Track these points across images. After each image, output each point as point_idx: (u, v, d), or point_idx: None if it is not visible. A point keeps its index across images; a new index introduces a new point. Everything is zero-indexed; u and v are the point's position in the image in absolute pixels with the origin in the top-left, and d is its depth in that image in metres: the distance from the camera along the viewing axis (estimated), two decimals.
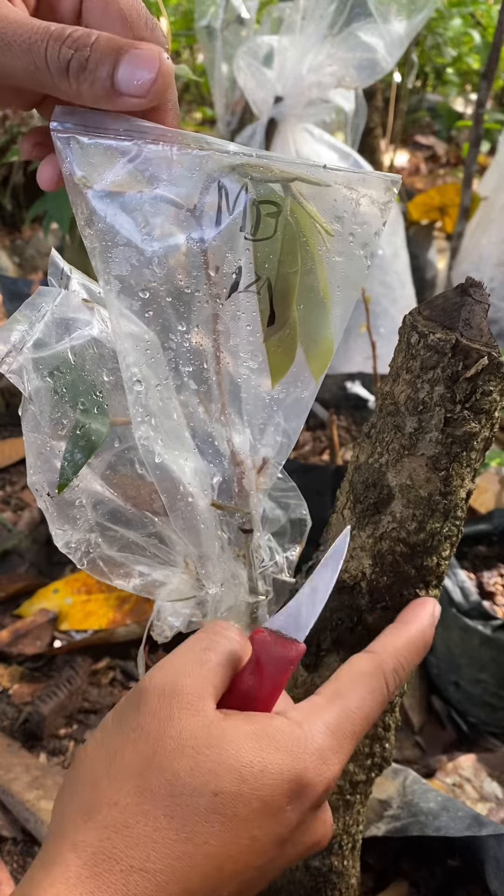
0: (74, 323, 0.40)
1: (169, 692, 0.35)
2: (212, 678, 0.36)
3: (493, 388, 0.41)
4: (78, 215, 0.37)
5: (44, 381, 0.38)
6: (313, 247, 0.38)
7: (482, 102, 1.71)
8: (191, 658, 0.37)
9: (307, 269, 0.39)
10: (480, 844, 0.65)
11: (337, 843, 0.56)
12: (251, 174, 0.36)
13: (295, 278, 0.38)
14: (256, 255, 0.38)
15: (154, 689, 0.35)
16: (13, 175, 2.78)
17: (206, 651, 0.37)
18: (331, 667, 0.50)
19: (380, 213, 0.37)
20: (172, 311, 0.39)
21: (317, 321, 0.40)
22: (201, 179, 0.37)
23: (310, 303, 0.40)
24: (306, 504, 0.54)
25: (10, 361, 0.38)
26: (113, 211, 0.36)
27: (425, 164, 3.62)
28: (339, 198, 0.37)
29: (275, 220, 0.37)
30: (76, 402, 0.39)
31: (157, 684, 0.36)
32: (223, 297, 0.39)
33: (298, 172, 0.37)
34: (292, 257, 0.38)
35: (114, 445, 0.44)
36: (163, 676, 0.36)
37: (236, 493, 0.47)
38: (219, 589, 0.50)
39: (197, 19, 1.83)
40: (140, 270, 0.37)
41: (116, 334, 0.39)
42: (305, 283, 0.39)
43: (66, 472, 0.39)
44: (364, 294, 1.12)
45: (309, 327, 0.40)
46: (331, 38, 1.32)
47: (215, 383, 0.43)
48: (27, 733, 1.07)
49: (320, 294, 0.39)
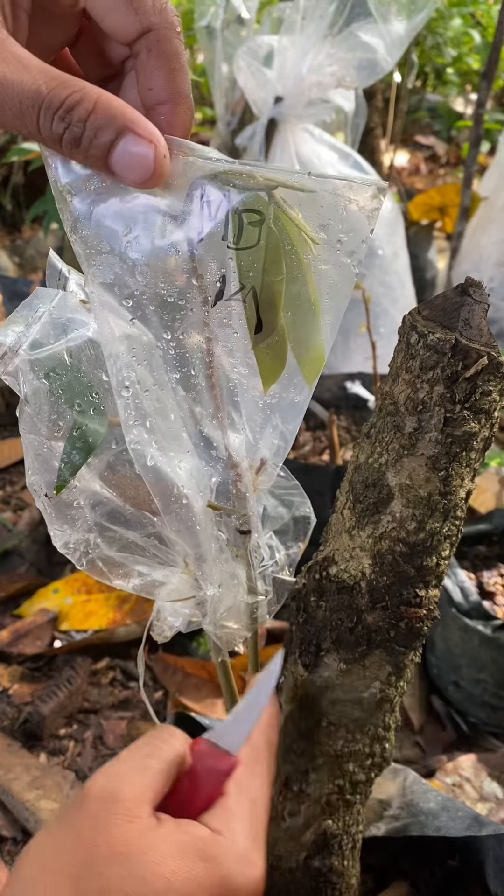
0: (71, 324, 0.40)
1: (109, 797, 0.37)
2: (151, 784, 0.38)
3: (493, 388, 0.41)
4: (65, 220, 0.37)
5: (40, 382, 0.38)
6: (300, 254, 0.38)
7: (482, 102, 1.71)
8: (132, 765, 0.39)
9: (294, 277, 0.38)
10: (480, 844, 0.65)
11: (337, 843, 0.56)
12: (233, 181, 0.36)
13: (280, 286, 0.38)
14: (240, 264, 0.37)
15: (95, 794, 0.37)
16: (13, 175, 2.78)
17: (148, 758, 0.39)
18: (330, 667, 0.50)
19: (367, 221, 0.37)
20: (157, 318, 0.39)
21: (306, 328, 0.40)
22: (185, 185, 0.36)
23: (298, 310, 0.39)
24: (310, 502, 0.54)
25: (7, 363, 0.38)
26: (96, 218, 0.36)
27: (425, 164, 3.62)
28: (325, 205, 0.37)
29: (258, 228, 0.36)
30: (73, 403, 0.39)
31: (99, 789, 0.38)
32: (209, 304, 0.39)
33: (282, 179, 0.36)
34: (277, 266, 0.37)
35: (112, 446, 0.44)
36: (105, 782, 0.38)
37: (233, 495, 0.47)
38: (217, 590, 0.50)
39: (197, 19, 1.83)
40: (123, 278, 0.37)
41: (106, 339, 0.38)
42: (293, 291, 0.38)
43: (63, 473, 0.39)
44: (364, 294, 1.12)
45: (299, 334, 0.40)
46: (331, 38, 1.32)
47: (205, 388, 0.43)
48: (27, 733, 1.07)
49: (309, 301, 0.39)
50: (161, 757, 0.40)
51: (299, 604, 0.52)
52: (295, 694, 0.53)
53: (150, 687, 1.16)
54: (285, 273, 0.38)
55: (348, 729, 0.51)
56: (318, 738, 0.52)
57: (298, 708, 0.53)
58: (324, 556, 0.50)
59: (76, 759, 1.05)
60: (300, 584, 0.52)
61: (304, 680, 0.52)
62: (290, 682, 0.53)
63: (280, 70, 1.38)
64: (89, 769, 1.04)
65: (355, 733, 0.51)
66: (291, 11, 1.34)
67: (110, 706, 1.13)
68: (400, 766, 0.71)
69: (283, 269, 0.38)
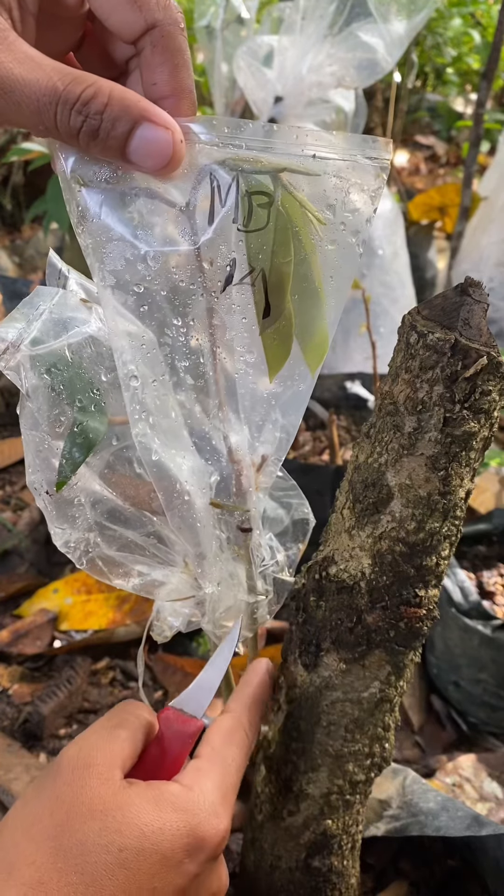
0: (72, 322, 0.40)
1: (82, 765, 0.40)
2: (119, 752, 0.41)
3: (492, 388, 0.41)
4: (71, 212, 0.37)
5: (41, 378, 0.38)
6: (305, 236, 0.38)
7: (482, 102, 1.71)
8: (102, 735, 0.42)
9: (300, 259, 0.39)
10: (480, 844, 0.65)
11: (337, 843, 0.56)
12: (241, 166, 0.36)
13: (288, 268, 0.38)
14: (249, 247, 0.38)
15: (69, 762, 0.40)
16: (13, 175, 2.78)
17: (117, 728, 0.43)
18: (330, 667, 0.50)
19: (370, 201, 0.38)
20: (168, 305, 0.39)
21: (311, 312, 0.40)
22: (193, 173, 0.37)
23: (304, 293, 0.40)
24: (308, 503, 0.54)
25: (8, 358, 0.38)
26: (106, 208, 0.36)
27: (425, 164, 3.62)
28: (328, 187, 0.37)
29: (266, 210, 0.37)
30: (74, 400, 0.39)
31: (72, 757, 0.40)
32: (218, 290, 0.39)
33: (287, 163, 0.36)
34: (285, 248, 0.38)
35: (112, 444, 0.44)
36: (78, 751, 0.41)
37: (234, 492, 0.47)
38: (216, 588, 0.50)
39: (197, 19, 1.83)
40: (134, 266, 0.37)
41: (112, 331, 0.39)
42: (299, 273, 0.39)
43: (64, 470, 0.39)
44: (364, 294, 1.12)
45: (304, 318, 0.41)
46: (331, 38, 1.32)
47: (212, 380, 0.43)
48: (27, 733, 1.07)
49: (314, 284, 0.40)
50: (128, 726, 0.43)
51: (299, 604, 0.52)
52: (295, 694, 0.53)
53: (150, 687, 1.16)
54: (293, 255, 0.38)
55: (348, 729, 0.51)
56: (318, 738, 0.52)
57: (298, 708, 0.53)
58: (323, 556, 0.50)
59: None
60: (300, 584, 0.52)
61: (303, 680, 0.52)
62: (290, 681, 0.53)
63: (280, 70, 1.38)
64: None
65: (355, 733, 0.51)
66: (291, 11, 1.34)
67: (110, 706, 1.13)
68: (400, 766, 0.71)
69: (291, 251, 0.38)
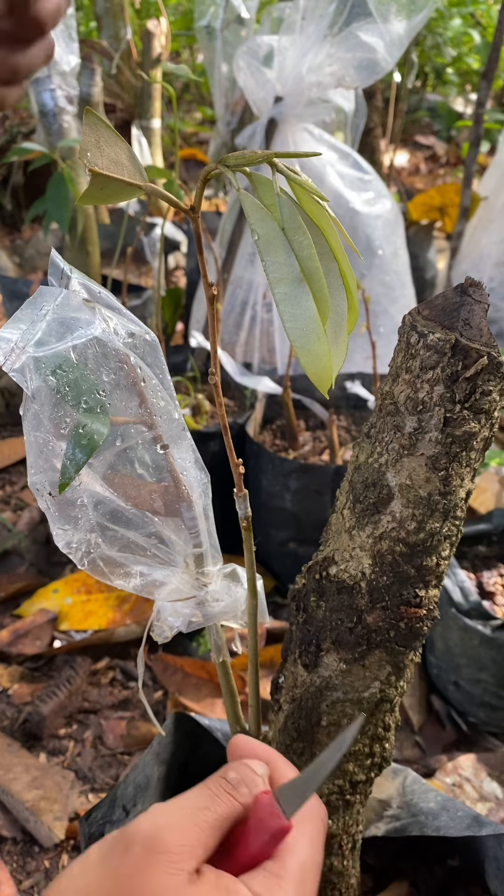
0: (76, 322, 0.40)
1: (155, 846, 0.35)
2: (198, 842, 0.36)
3: (493, 388, 0.41)
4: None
5: (45, 380, 0.38)
6: (312, 214, 0.38)
7: (482, 102, 1.71)
8: (186, 815, 0.37)
9: (322, 253, 0.38)
10: (480, 844, 0.65)
11: (337, 843, 0.56)
12: (229, 163, 0.36)
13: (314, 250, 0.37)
14: (291, 242, 0.37)
15: (143, 840, 0.36)
16: (13, 175, 2.78)
17: (205, 811, 0.38)
18: (330, 667, 0.50)
19: None
20: None
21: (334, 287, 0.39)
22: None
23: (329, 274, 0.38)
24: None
25: (14, 360, 0.38)
26: None
27: (425, 164, 3.62)
28: None
29: (294, 206, 0.36)
30: (79, 401, 0.39)
31: (147, 834, 0.36)
32: None
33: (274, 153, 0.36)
34: (312, 237, 0.37)
35: (115, 444, 0.44)
36: (154, 829, 0.36)
37: (236, 492, 0.47)
38: (217, 588, 0.50)
39: (197, 19, 1.83)
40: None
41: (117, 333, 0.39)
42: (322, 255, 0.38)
43: (67, 471, 0.39)
44: (364, 294, 1.12)
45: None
46: (331, 38, 1.32)
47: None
48: (27, 733, 1.08)
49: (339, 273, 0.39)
50: (217, 811, 0.38)
51: (299, 604, 0.52)
52: (295, 694, 0.53)
53: (150, 687, 1.16)
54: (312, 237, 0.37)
55: None
56: (318, 738, 0.52)
57: (298, 708, 0.53)
58: (324, 557, 0.50)
59: (76, 759, 1.05)
60: (300, 584, 0.52)
61: (304, 680, 0.52)
62: (290, 682, 0.54)
63: (280, 70, 1.38)
64: (89, 769, 1.04)
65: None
66: (291, 11, 1.34)
67: (110, 706, 1.13)
68: (400, 766, 0.71)
69: (308, 234, 0.37)
